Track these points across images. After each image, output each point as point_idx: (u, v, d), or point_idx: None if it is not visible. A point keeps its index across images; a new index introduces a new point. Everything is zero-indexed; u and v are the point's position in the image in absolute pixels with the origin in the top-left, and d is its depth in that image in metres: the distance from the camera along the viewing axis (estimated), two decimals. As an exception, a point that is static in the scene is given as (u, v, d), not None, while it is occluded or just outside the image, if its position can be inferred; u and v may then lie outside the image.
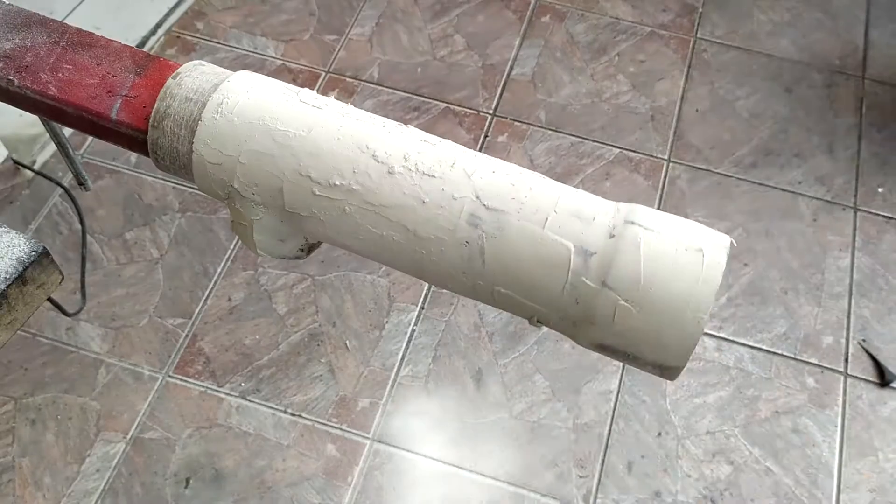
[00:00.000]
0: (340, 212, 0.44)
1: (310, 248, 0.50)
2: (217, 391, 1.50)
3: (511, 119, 1.88)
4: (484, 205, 0.42)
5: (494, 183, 0.42)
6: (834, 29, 2.09)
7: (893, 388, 1.55)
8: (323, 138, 0.43)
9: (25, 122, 1.63)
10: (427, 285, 1.64)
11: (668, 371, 0.42)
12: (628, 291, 0.40)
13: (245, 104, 0.44)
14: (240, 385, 1.51)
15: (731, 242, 0.41)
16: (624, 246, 0.40)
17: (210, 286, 1.61)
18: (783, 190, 1.81)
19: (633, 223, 0.40)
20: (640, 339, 0.40)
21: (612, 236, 0.40)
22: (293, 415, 1.48)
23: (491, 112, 1.89)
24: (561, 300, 0.41)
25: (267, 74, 1.89)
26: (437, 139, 0.45)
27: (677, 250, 0.40)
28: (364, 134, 0.44)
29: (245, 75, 0.46)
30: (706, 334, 1.58)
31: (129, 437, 1.45)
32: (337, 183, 0.43)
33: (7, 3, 0.51)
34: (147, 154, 0.48)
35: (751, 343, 1.59)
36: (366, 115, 0.45)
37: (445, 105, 1.89)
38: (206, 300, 1.60)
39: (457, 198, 0.42)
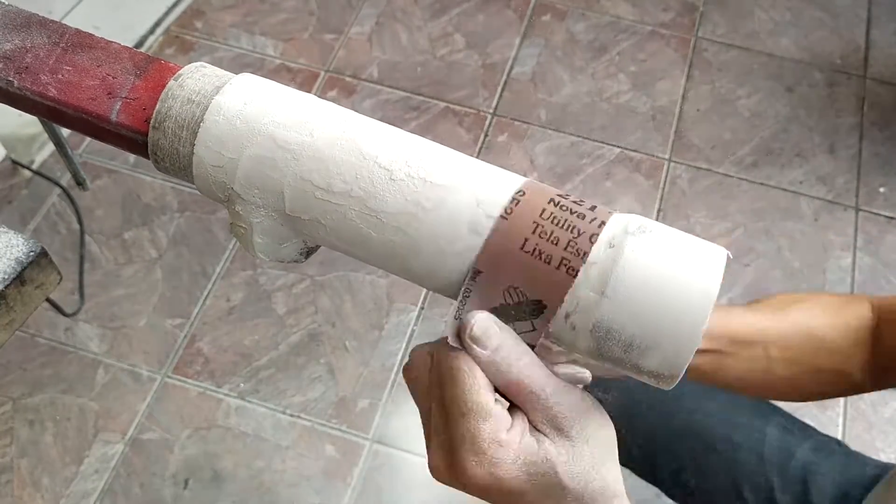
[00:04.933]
0: (342, 217, 0.43)
1: (308, 252, 0.50)
2: (216, 392, 1.50)
3: (511, 118, 1.88)
4: (486, 213, 0.41)
5: (496, 191, 0.42)
6: (835, 28, 2.09)
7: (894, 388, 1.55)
8: (325, 142, 0.43)
9: (24, 122, 1.63)
10: (427, 285, 1.64)
11: (665, 380, 0.42)
12: (626, 302, 0.40)
13: (247, 107, 0.44)
14: (239, 386, 1.50)
15: (728, 255, 0.41)
16: (622, 257, 0.40)
17: (209, 286, 1.61)
18: (784, 190, 1.81)
19: (631, 234, 0.40)
20: (637, 348, 0.40)
21: (611, 246, 0.40)
22: (292, 415, 1.48)
23: (491, 111, 1.89)
24: (560, 309, 0.41)
25: (266, 74, 1.90)
26: (440, 146, 0.44)
27: (675, 261, 0.40)
28: (367, 139, 0.43)
29: (248, 77, 0.45)
30: (707, 335, 1.58)
31: (127, 437, 1.45)
32: (338, 188, 0.43)
33: (6, 3, 0.51)
34: (146, 156, 0.47)
35: (752, 343, 1.59)
36: (368, 120, 0.45)
37: (445, 104, 1.89)
38: (204, 300, 1.59)
39: (458, 205, 0.42)
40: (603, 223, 0.40)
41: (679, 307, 0.39)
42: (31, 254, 0.61)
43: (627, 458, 1.01)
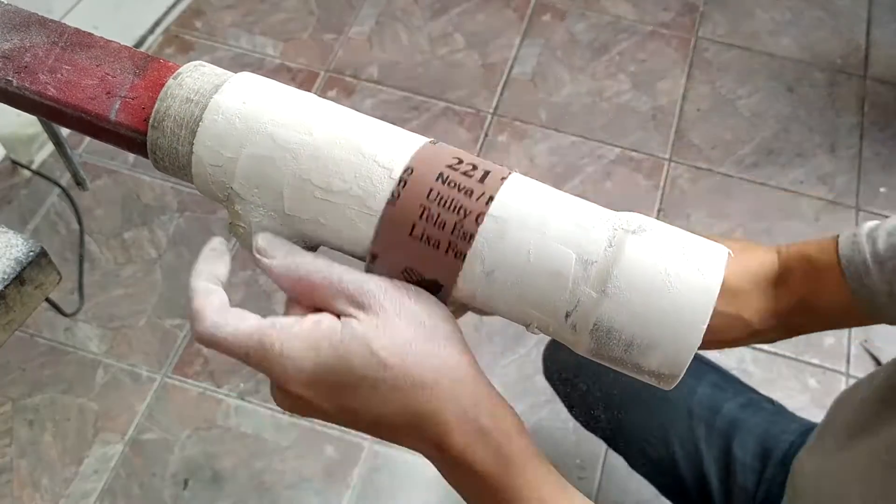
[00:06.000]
0: (341, 216, 0.43)
1: (308, 251, 0.49)
2: (216, 392, 1.49)
3: (511, 118, 1.88)
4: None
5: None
6: (836, 28, 2.09)
7: (895, 388, 1.54)
8: (324, 141, 0.43)
9: (23, 122, 1.63)
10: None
11: (665, 379, 0.41)
12: (627, 301, 0.40)
13: (246, 105, 0.43)
14: (238, 386, 1.50)
15: (729, 254, 0.41)
16: (623, 255, 0.40)
17: (209, 286, 1.60)
18: (785, 190, 1.81)
19: (632, 233, 0.40)
20: (638, 347, 0.40)
21: (611, 245, 0.40)
22: (292, 416, 1.48)
23: (491, 111, 1.89)
24: (560, 308, 0.41)
25: (265, 74, 1.89)
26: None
27: (676, 260, 0.40)
28: (366, 137, 0.43)
29: (247, 76, 0.45)
30: (707, 335, 1.58)
31: (127, 437, 1.44)
32: (338, 187, 0.42)
33: (6, 2, 0.51)
34: (146, 156, 0.47)
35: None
36: (368, 118, 0.45)
37: (445, 104, 1.89)
38: (205, 300, 1.59)
39: None
40: (491, 198, 0.40)
41: (680, 306, 0.39)
42: (31, 254, 0.60)
43: (576, 412, 1.06)
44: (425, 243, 0.41)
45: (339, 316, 0.41)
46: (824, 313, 0.71)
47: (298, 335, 0.40)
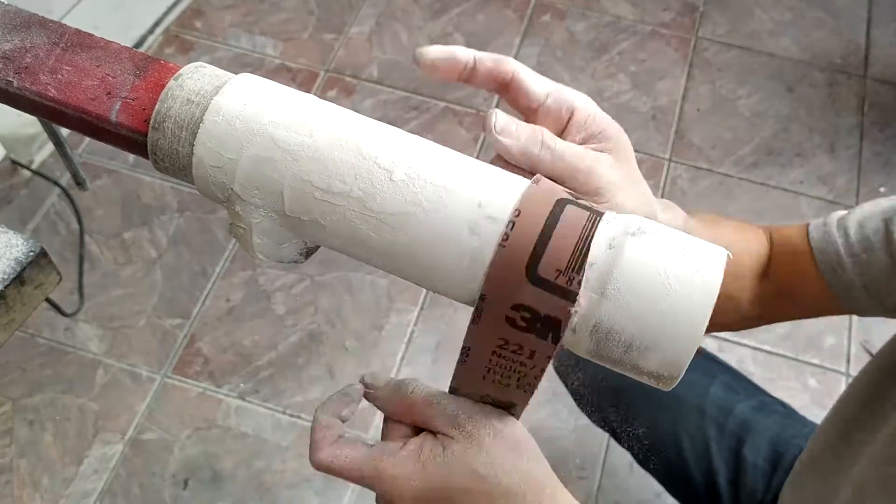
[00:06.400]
0: (341, 217, 0.43)
1: (308, 252, 0.50)
2: (215, 392, 1.49)
3: (511, 118, 1.88)
4: (486, 214, 0.41)
5: (497, 192, 0.42)
6: (836, 28, 2.09)
7: (895, 389, 1.54)
8: (324, 143, 0.43)
9: (23, 122, 1.63)
10: (427, 285, 1.64)
11: (664, 380, 0.42)
12: (627, 302, 0.40)
13: (247, 107, 0.43)
14: (238, 386, 1.50)
15: (728, 256, 0.41)
16: (623, 257, 0.40)
17: (208, 286, 1.61)
18: (785, 190, 1.81)
19: (632, 234, 0.40)
20: (637, 349, 0.40)
21: (611, 247, 0.40)
22: (292, 416, 1.48)
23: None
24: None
25: (265, 74, 1.89)
26: (440, 147, 0.44)
27: (675, 262, 0.40)
28: (366, 139, 0.43)
29: (247, 78, 0.45)
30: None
31: (127, 437, 1.44)
32: (338, 188, 0.42)
33: (6, 3, 0.51)
34: (146, 156, 0.47)
35: (753, 344, 1.59)
36: (368, 120, 0.45)
37: (445, 104, 1.89)
38: (204, 300, 1.59)
39: (459, 206, 0.41)
40: (543, 369, 0.44)
41: (679, 308, 0.39)
42: (31, 254, 0.60)
43: (583, 405, 1.07)
44: (497, 384, 0.46)
45: (435, 433, 0.48)
46: (803, 302, 0.70)
47: (407, 458, 0.47)
